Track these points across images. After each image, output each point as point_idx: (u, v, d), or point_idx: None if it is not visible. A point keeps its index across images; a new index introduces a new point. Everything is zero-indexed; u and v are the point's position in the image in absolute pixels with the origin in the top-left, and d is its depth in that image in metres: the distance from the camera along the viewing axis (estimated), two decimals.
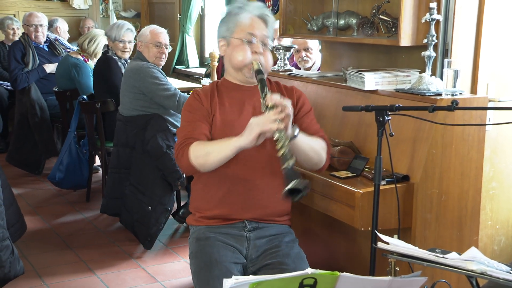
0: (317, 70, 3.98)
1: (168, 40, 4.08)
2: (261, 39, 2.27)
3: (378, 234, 1.74)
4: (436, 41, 2.54)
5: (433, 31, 2.49)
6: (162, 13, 7.75)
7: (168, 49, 4.06)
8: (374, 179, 2.13)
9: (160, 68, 3.95)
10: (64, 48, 6.10)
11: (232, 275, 1.42)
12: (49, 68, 5.74)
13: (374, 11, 2.94)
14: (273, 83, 2.39)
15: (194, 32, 7.15)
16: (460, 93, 2.47)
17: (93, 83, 4.65)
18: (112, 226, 4.21)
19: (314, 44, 4.22)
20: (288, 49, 3.38)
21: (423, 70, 2.56)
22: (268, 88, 2.16)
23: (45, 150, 5.37)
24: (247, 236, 2.28)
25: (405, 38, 2.59)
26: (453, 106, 2.01)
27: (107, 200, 4.03)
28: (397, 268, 1.90)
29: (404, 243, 1.67)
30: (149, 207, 3.67)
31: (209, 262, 2.15)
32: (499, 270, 1.48)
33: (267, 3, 5.59)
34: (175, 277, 3.44)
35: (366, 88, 2.61)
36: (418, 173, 2.34)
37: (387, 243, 1.64)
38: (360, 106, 2.21)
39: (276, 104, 2.03)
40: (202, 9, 7.08)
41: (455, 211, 2.47)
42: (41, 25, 5.82)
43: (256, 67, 2.22)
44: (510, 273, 1.48)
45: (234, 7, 2.32)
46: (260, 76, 2.19)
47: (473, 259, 1.51)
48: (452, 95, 2.42)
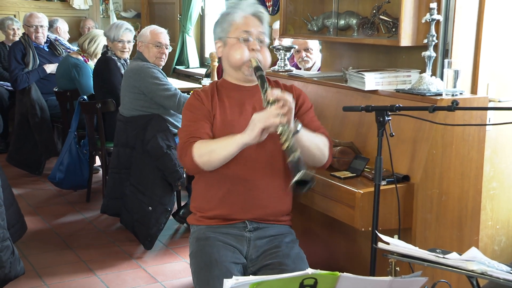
0: (318, 71, 3.98)
1: (168, 40, 4.08)
2: (257, 36, 2.28)
3: (379, 234, 1.74)
4: (436, 41, 2.54)
5: (433, 31, 2.49)
6: (163, 13, 7.75)
7: (169, 49, 4.06)
8: (375, 179, 2.13)
9: (161, 68, 3.96)
10: (64, 49, 6.11)
11: (232, 275, 1.42)
12: (49, 69, 5.75)
13: (374, 11, 2.94)
14: (272, 82, 2.39)
15: (194, 33, 7.15)
16: (461, 93, 2.47)
17: (93, 84, 4.65)
18: (113, 226, 4.21)
19: (314, 44, 4.22)
20: (289, 50, 3.38)
21: (423, 70, 2.56)
22: (268, 84, 2.16)
23: (46, 151, 5.37)
24: (248, 236, 2.28)
25: (405, 38, 2.59)
26: (453, 106, 2.01)
27: (108, 200, 4.03)
28: (398, 268, 1.90)
29: (405, 243, 1.67)
30: (149, 207, 3.67)
31: (209, 262, 2.15)
32: (500, 270, 1.48)
33: (268, 3, 5.60)
34: (176, 277, 3.44)
35: (367, 88, 2.61)
36: (419, 173, 2.34)
37: (388, 243, 1.64)
38: (361, 107, 2.21)
39: (278, 99, 2.04)
40: (202, 9, 7.08)
41: (456, 211, 2.47)
42: (42, 26, 5.83)
43: (255, 64, 2.22)
44: (511, 273, 1.48)
45: (227, 8, 2.33)
46: (260, 73, 2.19)
47: (474, 259, 1.51)
48: (452, 95, 2.42)
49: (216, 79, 4.72)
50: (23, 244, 3.67)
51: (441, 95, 2.43)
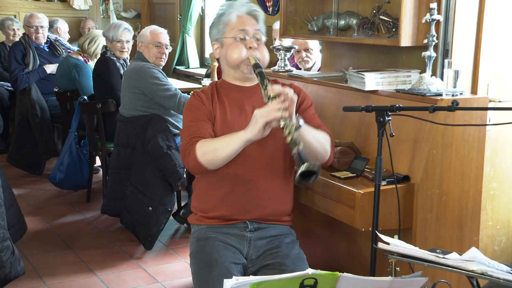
0: (318, 71, 3.98)
1: (168, 40, 4.08)
2: (254, 34, 2.28)
3: (379, 235, 1.74)
4: (437, 42, 2.54)
5: (434, 32, 2.49)
6: (163, 14, 7.75)
7: (169, 49, 4.06)
8: (375, 180, 2.14)
9: (161, 69, 3.96)
10: (65, 49, 6.11)
11: (232, 276, 1.42)
12: (50, 69, 5.75)
13: (375, 12, 2.94)
14: (271, 81, 2.39)
15: (195, 33, 7.15)
16: (461, 94, 2.47)
17: (93, 84, 4.65)
18: (113, 227, 4.21)
19: (315, 45, 4.22)
20: (289, 50, 3.38)
21: (424, 71, 2.56)
22: (268, 80, 2.16)
23: (46, 151, 5.37)
24: (249, 237, 2.28)
25: (406, 39, 2.59)
26: (454, 107, 2.01)
27: (108, 201, 4.03)
28: (398, 269, 1.90)
29: (405, 244, 1.67)
30: (150, 208, 3.67)
31: (209, 262, 2.15)
32: (500, 271, 1.48)
33: (268, 3, 5.60)
34: (176, 278, 3.44)
35: (367, 89, 2.61)
36: (419, 174, 2.34)
37: (388, 244, 1.64)
38: (361, 107, 2.21)
39: (279, 93, 2.04)
40: (203, 10, 7.08)
41: (456, 212, 2.47)
42: (42, 26, 5.83)
43: (253, 62, 2.23)
44: (511, 274, 1.48)
45: (221, 9, 2.33)
46: (259, 70, 2.19)
47: (474, 260, 1.51)
48: (453, 96, 2.42)
49: (216, 79, 4.73)
50: (23, 244, 3.68)
51: (441, 95, 2.43)
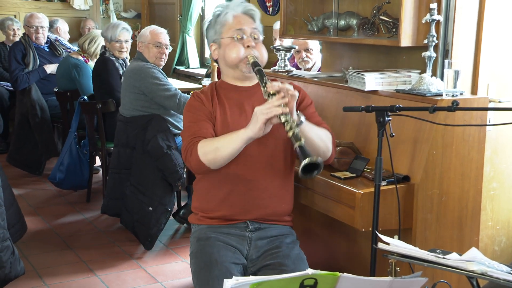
0: (318, 71, 3.98)
1: (168, 40, 4.08)
2: (251, 33, 2.28)
3: (379, 235, 1.74)
4: (437, 42, 2.54)
5: (434, 32, 2.49)
6: (163, 14, 7.75)
7: (169, 49, 4.06)
8: (375, 180, 2.14)
9: (161, 69, 3.96)
10: (65, 49, 6.11)
11: (232, 276, 1.42)
12: (50, 69, 5.75)
13: (375, 12, 2.95)
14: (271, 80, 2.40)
15: (195, 33, 7.15)
16: (461, 94, 2.47)
17: (92, 85, 4.65)
18: (113, 227, 4.21)
19: (315, 45, 4.22)
20: (289, 50, 3.39)
21: (424, 71, 2.56)
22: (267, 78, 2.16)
23: (46, 151, 5.37)
24: (249, 237, 2.28)
25: (406, 39, 2.59)
26: (454, 107, 2.01)
27: (108, 201, 4.03)
28: (398, 269, 1.90)
29: (405, 244, 1.67)
30: (150, 208, 3.67)
31: (209, 262, 2.15)
32: (500, 271, 1.48)
33: (268, 4, 5.60)
34: (176, 278, 3.44)
35: (367, 89, 2.61)
36: (419, 174, 2.34)
37: (388, 244, 1.64)
38: (361, 107, 2.21)
39: (278, 89, 2.04)
40: (203, 10, 7.08)
41: (456, 212, 2.47)
42: (42, 27, 5.83)
43: (252, 60, 2.23)
44: (511, 274, 1.48)
45: (217, 10, 2.33)
46: (258, 68, 2.20)
47: (474, 260, 1.51)
48: (453, 96, 2.42)
49: (217, 80, 4.73)
50: (23, 244, 3.68)
51: (441, 96, 2.43)
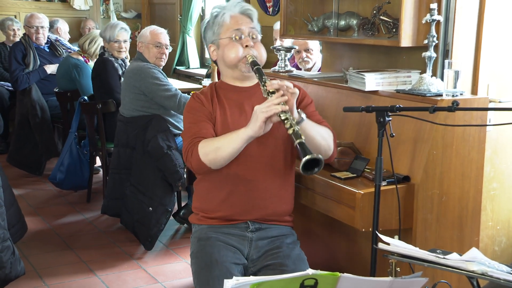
0: (318, 71, 3.98)
1: (168, 41, 4.08)
2: (249, 33, 2.29)
3: (379, 235, 1.74)
4: (437, 42, 2.54)
5: (434, 32, 2.49)
6: (163, 14, 7.75)
7: (169, 50, 4.06)
8: (375, 180, 2.14)
9: (161, 69, 3.96)
10: (65, 49, 6.11)
11: (233, 276, 1.42)
12: (50, 69, 5.75)
13: (375, 12, 2.95)
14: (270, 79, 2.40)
15: (195, 33, 7.15)
16: (461, 94, 2.47)
17: (92, 85, 4.65)
18: (113, 227, 4.21)
19: (315, 45, 4.22)
20: (289, 50, 3.39)
21: (424, 71, 2.56)
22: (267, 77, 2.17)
23: (46, 151, 5.37)
24: (250, 237, 2.28)
25: (406, 39, 2.59)
26: (454, 107, 2.01)
27: (108, 201, 4.03)
28: (398, 269, 1.90)
29: (405, 244, 1.67)
30: (150, 208, 3.67)
31: (210, 262, 2.16)
32: (500, 271, 1.48)
33: (268, 4, 5.60)
34: (176, 278, 3.44)
35: (367, 89, 2.61)
36: (419, 174, 2.34)
37: (388, 244, 1.65)
38: (361, 107, 2.21)
39: (278, 87, 2.05)
40: (203, 10, 7.09)
41: (456, 212, 2.47)
42: (42, 27, 5.83)
43: (251, 60, 2.23)
44: (511, 274, 1.48)
45: (214, 11, 2.33)
46: (257, 67, 2.20)
47: (474, 260, 1.51)
48: (453, 96, 2.42)
49: (217, 80, 4.73)
50: (24, 245, 3.68)
51: (442, 96, 2.43)
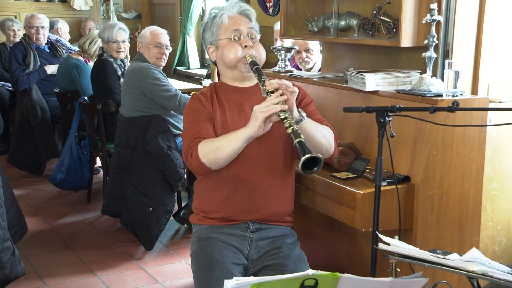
0: (318, 71, 3.98)
1: (168, 41, 4.08)
2: (248, 33, 2.29)
3: (379, 235, 1.74)
4: (437, 42, 2.54)
5: (434, 32, 2.49)
6: (163, 14, 7.75)
7: (169, 50, 4.06)
8: (375, 180, 2.13)
9: (161, 69, 3.96)
10: (65, 49, 6.11)
11: (233, 276, 1.42)
12: (50, 69, 5.75)
13: (375, 12, 2.95)
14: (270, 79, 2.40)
15: (195, 33, 7.15)
16: (461, 94, 2.47)
17: (91, 86, 4.65)
18: (113, 227, 4.21)
19: (315, 45, 4.22)
20: (289, 50, 3.38)
21: (424, 71, 2.56)
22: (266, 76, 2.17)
23: (46, 151, 5.37)
24: (250, 237, 2.28)
25: (406, 39, 2.59)
26: (454, 107, 2.01)
27: (108, 201, 4.03)
28: (398, 269, 1.90)
29: (405, 244, 1.67)
30: (150, 208, 3.67)
31: (210, 263, 2.16)
32: (500, 271, 1.48)
33: (268, 4, 5.60)
34: (176, 278, 3.44)
35: (367, 89, 2.61)
36: (419, 174, 2.34)
37: (388, 244, 1.64)
38: (361, 107, 2.21)
39: (277, 87, 2.05)
40: (203, 10, 7.09)
41: (456, 212, 2.47)
42: (43, 27, 5.83)
43: (250, 60, 2.23)
44: (511, 274, 1.48)
45: (212, 13, 2.34)
46: (256, 67, 2.20)
47: (474, 260, 1.51)
48: (453, 96, 2.42)
49: (217, 80, 4.73)
50: (24, 245, 3.68)
51: (442, 96, 2.43)
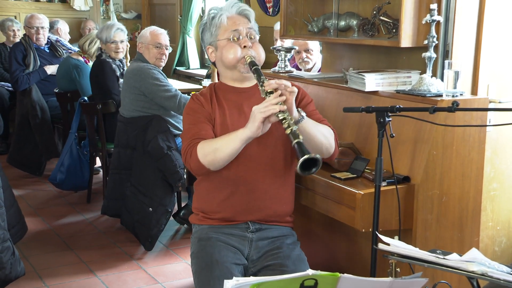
0: (318, 71, 3.98)
1: (168, 41, 4.08)
2: (247, 33, 2.29)
3: (379, 235, 1.74)
4: (437, 42, 2.54)
5: (434, 32, 2.49)
6: (163, 14, 7.75)
7: (169, 50, 4.06)
8: (375, 180, 2.14)
9: (161, 69, 3.96)
10: (65, 50, 6.11)
11: (233, 276, 1.42)
12: (50, 70, 5.75)
13: (375, 12, 2.95)
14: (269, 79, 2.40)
15: (195, 33, 7.15)
16: (461, 94, 2.47)
17: (91, 87, 4.66)
18: (113, 227, 4.21)
19: (315, 45, 4.22)
20: (289, 50, 3.38)
21: (424, 71, 2.56)
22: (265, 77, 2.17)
23: (46, 151, 5.37)
24: (250, 237, 2.28)
25: (406, 39, 2.59)
26: (454, 107, 2.02)
27: (108, 201, 4.04)
28: (398, 269, 1.90)
29: (405, 244, 1.67)
30: (150, 208, 3.67)
31: (210, 263, 2.16)
32: (500, 271, 1.48)
33: (268, 4, 5.60)
34: (176, 278, 3.44)
35: (367, 89, 2.61)
36: (419, 174, 2.34)
37: (388, 244, 1.65)
38: (361, 108, 2.21)
39: (276, 87, 2.05)
40: (203, 10, 7.09)
41: (456, 212, 2.47)
42: (43, 27, 5.83)
43: (249, 60, 2.23)
44: (511, 275, 1.48)
45: (211, 14, 2.33)
46: (255, 67, 2.20)
47: (474, 260, 1.51)
48: (453, 96, 2.42)
49: (217, 81, 4.72)
50: (24, 245, 3.68)
51: (442, 96, 2.43)
